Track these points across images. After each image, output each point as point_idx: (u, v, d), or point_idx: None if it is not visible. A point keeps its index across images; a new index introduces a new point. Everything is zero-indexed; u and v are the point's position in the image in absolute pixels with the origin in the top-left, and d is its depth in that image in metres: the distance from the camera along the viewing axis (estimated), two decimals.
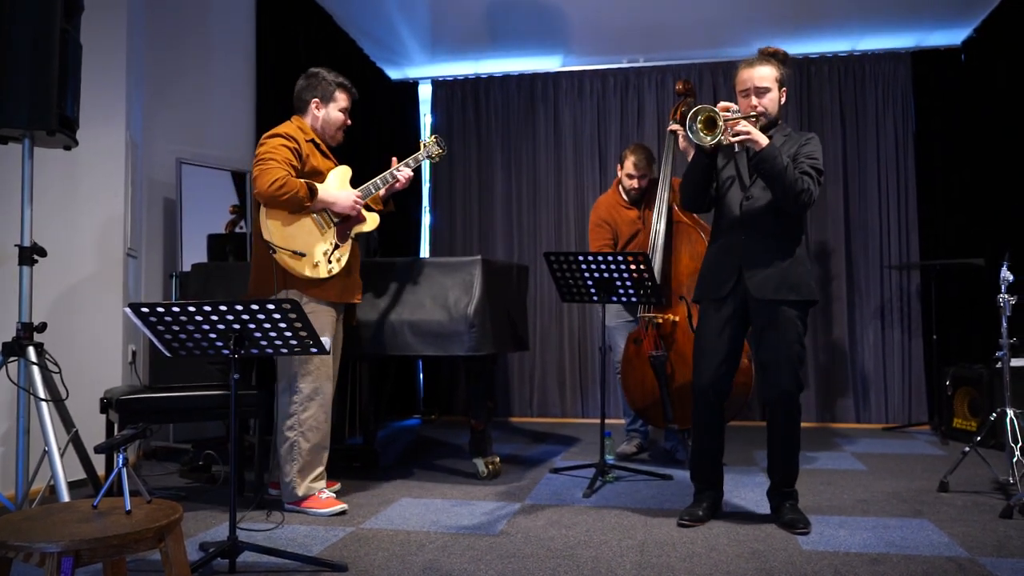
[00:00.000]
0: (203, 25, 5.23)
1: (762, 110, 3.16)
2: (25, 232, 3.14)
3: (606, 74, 6.54)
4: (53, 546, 1.76)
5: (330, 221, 3.41)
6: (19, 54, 2.97)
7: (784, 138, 3.21)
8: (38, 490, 3.23)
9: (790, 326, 3.11)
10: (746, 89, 3.19)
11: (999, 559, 2.74)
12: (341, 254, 3.42)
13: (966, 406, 5.13)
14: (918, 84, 6.06)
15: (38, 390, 3.04)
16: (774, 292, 3.10)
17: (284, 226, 3.28)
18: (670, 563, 2.72)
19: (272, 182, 3.18)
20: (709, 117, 3.00)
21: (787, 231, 3.16)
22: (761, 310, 3.14)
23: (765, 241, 3.14)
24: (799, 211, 3.14)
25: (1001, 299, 3.58)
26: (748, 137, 3.01)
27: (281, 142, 3.32)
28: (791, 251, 3.15)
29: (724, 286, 3.18)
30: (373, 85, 6.58)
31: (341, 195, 3.42)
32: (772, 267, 3.11)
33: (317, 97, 3.52)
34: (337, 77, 3.56)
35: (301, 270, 3.28)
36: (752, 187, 3.18)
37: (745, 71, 3.21)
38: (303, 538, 3.04)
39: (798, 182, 3.04)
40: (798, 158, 3.13)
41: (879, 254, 6.08)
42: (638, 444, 4.78)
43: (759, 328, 3.18)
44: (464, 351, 3.76)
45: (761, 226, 3.15)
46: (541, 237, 6.58)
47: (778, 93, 3.21)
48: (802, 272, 3.15)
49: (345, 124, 3.60)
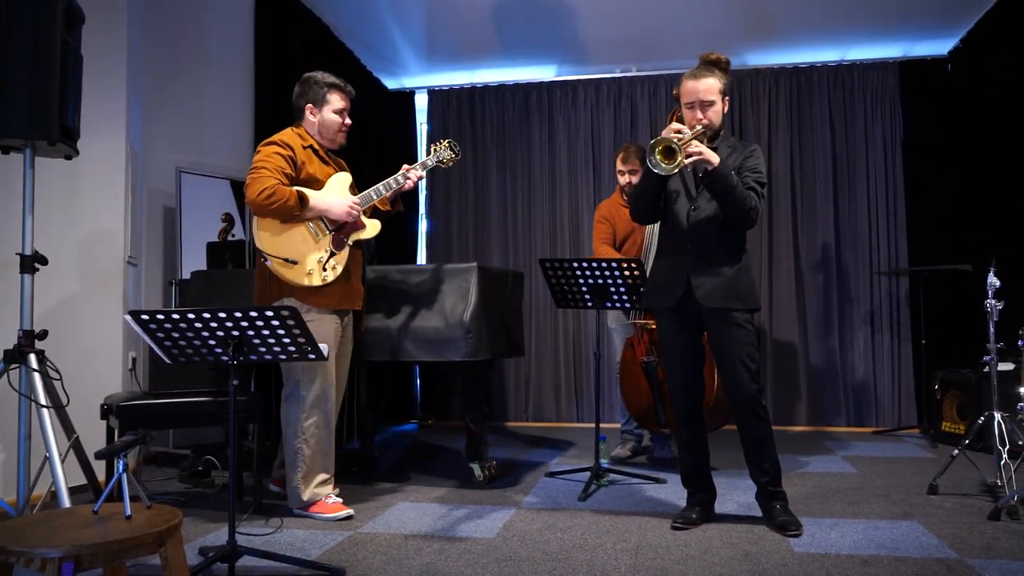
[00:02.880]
0: (201, 36, 5.27)
1: (707, 123, 3.20)
2: (26, 240, 3.16)
3: (599, 83, 6.61)
4: (54, 551, 1.76)
5: (325, 229, 3.40)
6: (20, 65, 3.00)
7: (729, 149, 3.27)
8: (39, 496, 3.23)
9: (741, 331, 3.18)
10: (691, 102, 3.22)
11: (987, 560, 2.78)
12: (337, 262, 3.39)
13: (954, 410, 5.19)
14: (906, 93, 6.13)
15: (39, 397, 3.06)
16: (722, 301, 3.17)
17: (275, 235, 3.28)
18: (664, 566, 2.76)
19: (261, 191, 3.18)
20: (667, 147, 3.02)
21: (732, 241, 3.23)
22: (712, 318, 3.22)
23: (712, 251, 3.20)
24: (746, 226, 3.22)
25: (988, 304, 3.61)
26: (700, 157, 3.06)
27: (275, 150, 3.32)
28: (737, 259, 3.22)
29: (674, 295, 3.24)
30: (370, 94, 6.62)
31: (336, 202, 3.39)
32: (719, 276, 3.18)
33: (311, 102, 3.51)
34: (328, 78, 3.54)
35: (294, 278, 3.28)
36: (698, 198, 3.24)
37: (690, 82, 3.23)
38: (301, 542, 3.07)
39: (747, 199, 3.11)
40: (743, 171, 3.18)
41: (869, 260, 6.15)
42: (632, 447, 4.83)
43: (712, 335, 3.25)
44: (460, 357, 3.79)
45: (708, 236, 3.21)
46: (536, 244, 6.64)
47: (722, 104, 3.25)
48: (747, 281, 3.23)
49: (344, 125, 3.57)
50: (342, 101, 3.55)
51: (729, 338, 3.18)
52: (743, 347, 3.17)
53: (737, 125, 6.32)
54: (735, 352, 3.17)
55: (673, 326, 3.31)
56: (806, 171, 6.27)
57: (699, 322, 3.29)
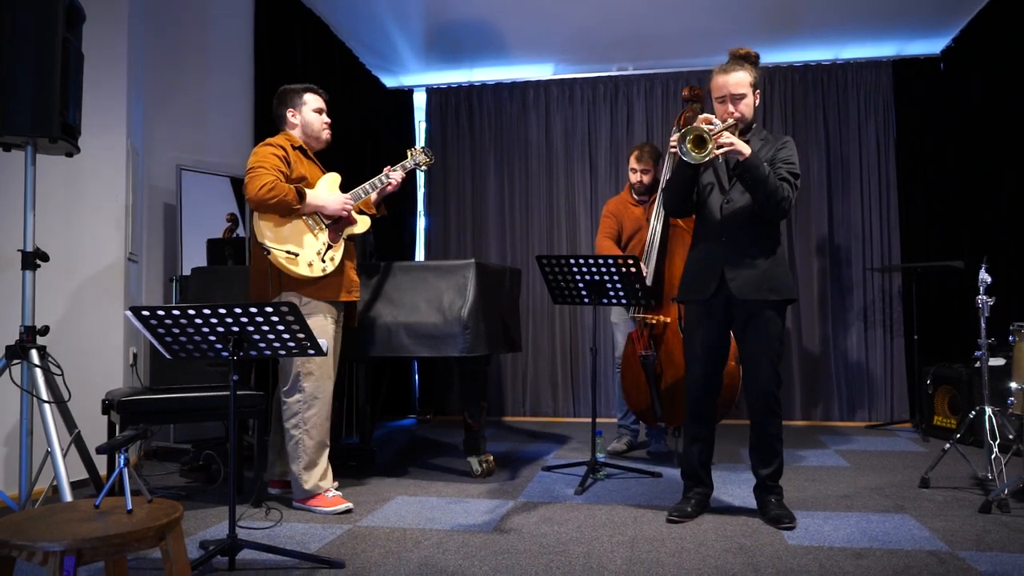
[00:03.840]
0: (202, 35, 5.29)
1: (739, 116, 3.23)
2: (28, 237, 3.19)
3: (596, 82, 6.63)
4: (56, 545, 1.77)
5: (321, 223, 3.51)
6: (22, 63, 3.02)
7: (761, 142, 3.29)
8: (41, 490, 3.27)
9: (770, 325, 3.21)
10: (722, 96, 3.25)
11: (978, 552, 2.81)
12: (335, 253, 3.50)
13: (946, 404, 5.24)
14: (899, 92, 6.17)
15: (41, 392, 3.08)
16: (755, 292, 3.19)
17: (277, 227, 3.39)
18: (659, 558, 2.79)
19: (261, 186, 3.29)
20: (698, 136, 3.05)
21: (766, 233, 3.25)
22: (743, 310, 3.23)
23: (745, 243, 3.22)
24: (779, 217, 3.23)
25: (980, 300, 3.65)
26: (732, 148, 3.08)
27: (270, 151, 3.44)
28: (771, 251, 3.24)
29: (708, 288, 3.26)
30: (369, 93, 6.65)
31: (330, 199, 3.52)
32: (753, 268, 3.20)
33: (290, 107, 3.65)
34: (302, 84, 3.69)
35: (296, 269, 3.37)
36: (731, 191, 3.26)
37: (720, 77, 3.25)
38: (301, 536, 3.10)
39: (779, 190, 3.13)
40: (775, 163, 3.20)
41: (862, 257, 6.20)
42: (628, 442, 4.86)
43: (740, 327, 3.27)
44: (458, 352, 3.82)
45: (741, 229, 3.23)
46: (533, 241, 6.67)
47: (752, 97, 3.27)
48: (781, 273, 3.24)
49: (325, 124, 3.69)
50: (319, 100, 3.69)
51: (756, 331, 3.21)
52: (769, 342, 3.20)
53: None
54: (761, 346, 3.20)
55: (702, 319, 3.32)
56: (800, 169, 6.28)
57: (728, 316, 3.30)
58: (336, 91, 5.97)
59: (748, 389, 3.30)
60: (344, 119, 6.02)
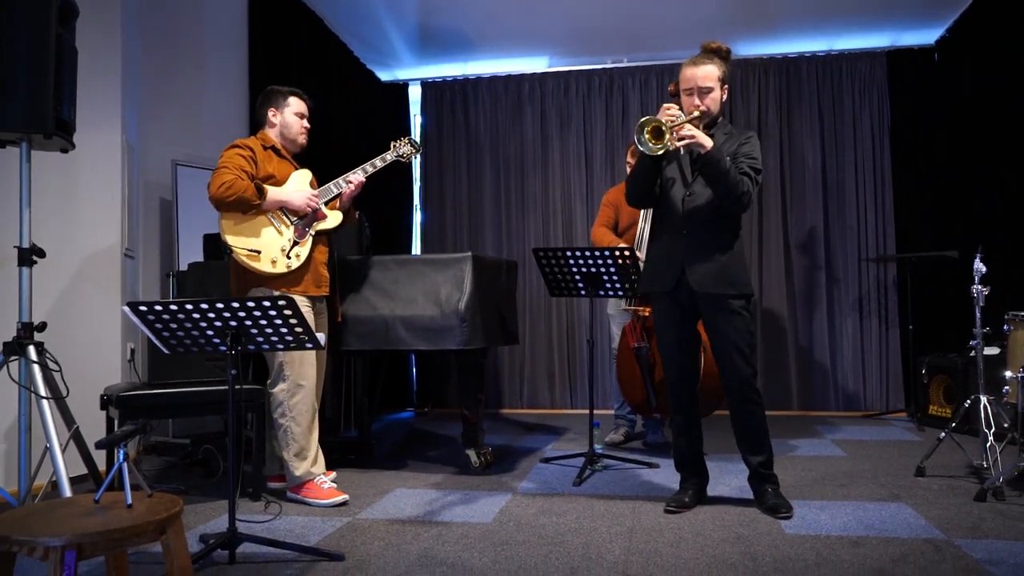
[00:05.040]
0: (196, 29, 5.27)
1: (704, 109, 3.22)
2: (24, 233, 3.19)
3: (591, 74, 6.64)
4: (56, 540, 1.78)
5: (286, 219, 3.55)
6: (15, 59, 3.02)
7: (725, 136, 3.29)
8: (40, 486, 3.27)
9: (735, 318, 3.21)
10: (689, 88, 3.24)
11: (974, 540, 2.83)
12: (300, 249, 3.54)
13: (941, 393, 5.27)
14: (893, 82, 6.18)
15: (39, 388, 3.09)
16: (715, 287, 3.20)
17: (236, 225, 3.45)
18: (658, 548, 2.81)
19: (220, 185, 3.37)
20: (656, 127, 3.06)
21: (727, 226, 3.26)
22: (706, 303, 3.25)
23: (706, 237, 3.23)
24: (739, 211, 3.23)
25: (974, 290, 3.66)
26: (693, 141, 3.09)
27: (236, 152, 3.51)
28: (730, 246, 3.24)
29: (668, 280, 3.27)
30: (363, 87, 6.64)
31: (295, 194, 3.56)
32: (712, 262, 3.21)
33: (273, 107, 3.70)
34: (289, 87, 3.74)
35: (258, 266, 3.43)
36: (694, 184, 3.26)
37: (689, 69, 3.25)
38: (301, 529, 3.11)
39: (740, 184, 3.13)
40: (738, 157, 3.20)
41: (857, 247, 6.21)
42: (625, 432, 4.88)
43: (707, 320, 3.29)
44: (456, 345, 3.83)
45: (702, 222, 3.23)
46: (529, 233, 6.68)
47: (720, 92, 3.26)
48: (739, 268, 3.26)
49: (304, 128, 3.74)
50: (302, 105, 3.74)
51: (724, 323, 3.22)
52: (737, 333, 3.21)
53: (727, 115, 6.34)
54: (730, 338, 3.21)
55: (670, 313, 3.34)
56: (795, 160, 6.32)
57: (695, 309, 3.31)
58: (330, 85, 6.00)
59: (724, 382, 3.32)
60: (338, 113, 6.03)
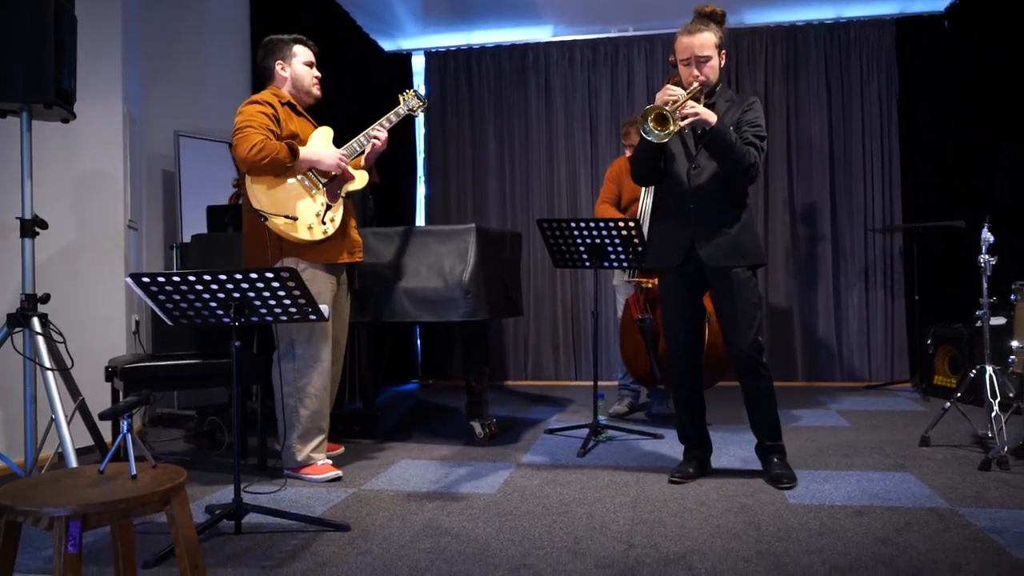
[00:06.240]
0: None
1: (704, 79, 3.16)
2: (26, 205, 3.18)
3: (596, 44, 6.56)
4: (61, 510, 1.77)
5: (317, 182, 3.39)
6: (15, 28, 2.99)
7: (727, 104, 3.24)
8: (47, 457, 3.29)
9: (743, 288, 3.19)
10: (687, 58, 3.18)
11: (978, 509, 2.84)
12: (334, 213, 3.39)
13: (946, 364, 5.26)
14: (902, 50, 6.10)
15: (43, 360, 3.10)
16: (725, 259, 3.18)
17: (271, 190, 3.25)
18: (662, 518, 2.82)
19: (251, 147, 3.15)
20: (660, 114, 3.01)
21: (733, 198, 3.22)
22: (715, 275, 3.23)
23: (713, 209, 3.20)
24: (746, 183, 3.20)
25: (981, 260, 3.64)
26: (697, 118, 3.04)
27: (257, 108, 3.30)
28: (738, 217, 3.21)
29: (677, 255, 3.25)
30: (367, 56, 6.58)
31: (326, 154, 3.39)
32: (722, 235, 3.18)
33: (279, 59, 3.50)
34: (290, 35, 3.55)
35: (296, 234, 3.26)
36: (698, 157, 3.22)
37: (684, 38, 3.18)
38: (306, 499, 3.13)
39: (746, 155, 3.08)
40: (741, 125, 3.16)
41: (863, 217, 6.18)
42: (629, 403, 4.89)
43: (715, 292, 3.27)
44: (460, 317, 3.82)
45: (708, 195, 3.20)
46: (533, 205, 6.64)
47: (718, 58, 3.20)
48: (750, 237, 3.23)
49: (316, 78, 3.56)
50: (308, 53, 3.55)
51: (732, 296, 3.20)
52: (745, 306, 3.19)
53: (733, 84, 6.28)
54: (737, 310, 3.19)
55: (675, 286, 3.32)
56: (802, 129, 6.26)
57: (701, 281, 3.30)
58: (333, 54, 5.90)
59: (730, 354, 3.30)
60: (342, 83, 5.97)
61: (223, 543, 2.64)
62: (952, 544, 2.50)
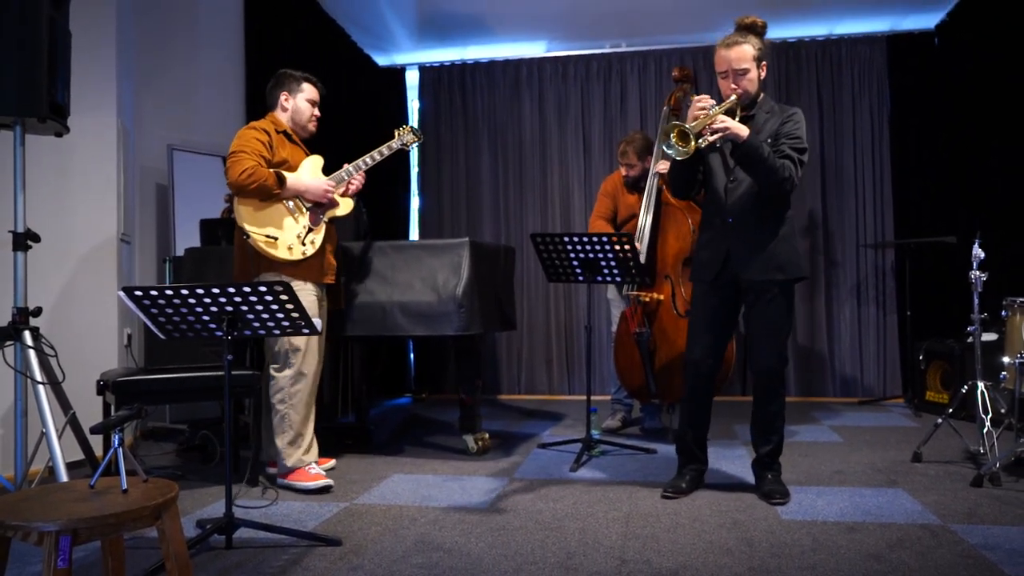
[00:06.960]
0: (192, 12, 5.23)
1: (741, 92, 3.16)
2: (19, 218, 3.16)
3: (589, 59, 6.59)
4: (51, 525, 1.76)
5: (302, 205, 3.57)
6: (8, 41, 2.98)
7: (767, 115, 3.22)
8: (37, 471, 3.28)
9: (775, 305, 3.19)
10: (724, 71, 3.18)
11: (970, 526, 2.84)
12: (315, 236, 3.56)
13: (938, 379, 5.27)
14: (893, 67, 6.14)
15: (35, 373, 3.08)
16: (761, 273, 3.17)
17: (256, 211, 3.45)
18: (655, 533, 2.81)
19: (241, 172, 3.36)
20: (681, 132, 3.00)
21: (772, 211, 3.20)
22: (750, 289, 3.22)
23: (750, 223, 3.18)
24: (781, 196, 3.18)
25: (973, 275, 3.66)
26: (728, 132, 3.03)
27: (253, 135, 3.50)
28: (776, 231, 3.19)
29: (712, 270, 3.25)
30: (360, 71, 6.60)
31: (313, 183, 3.58)
32: (758, 248, 3.17)
33: (285, 91, 3.70)
34: (302, 72, 3.74)
35: (275, 253, 3.43)
36: (735, 170, 3.21)
37: (722, 51, 3.17)
38: (298, 514, 3.11)
39: (780, 169, 3.06)
40: (779, 138, 3.14)
41: (855, 233, 6.20)
42: (623, 418, 4.89)
43: (748, 306, 3.27)
44: (453, 331, 3.83)
45: (746, 209, 3.18)
46: (527, 219, 6.66)
47: (757, 71, 3.18)
48: (788, 250, 3.20)
49: (315, 116, 3.76)
50: (314, 92, 3.76)
51: (762, 311, 3.20)
52: (774, 322, 3.19)
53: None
54: (766, 326, 3.20)
55: (707, 295, 3.31)
56: None
57: (736, 295, 3.29)
58: (327, 69, 5.93)
59: (752, 367, 3.31)
60: (335, 98, 5.98)
61: (214, 558, 2.63)
62: (944, 561, 2.50)
